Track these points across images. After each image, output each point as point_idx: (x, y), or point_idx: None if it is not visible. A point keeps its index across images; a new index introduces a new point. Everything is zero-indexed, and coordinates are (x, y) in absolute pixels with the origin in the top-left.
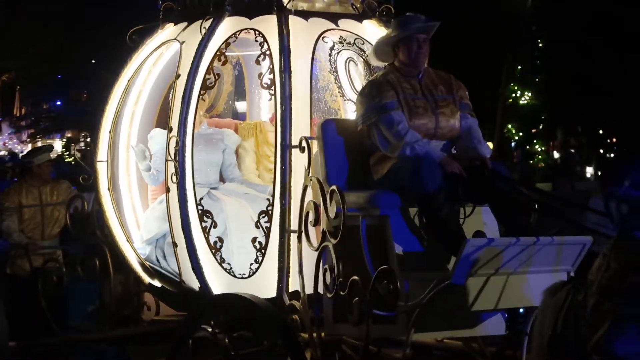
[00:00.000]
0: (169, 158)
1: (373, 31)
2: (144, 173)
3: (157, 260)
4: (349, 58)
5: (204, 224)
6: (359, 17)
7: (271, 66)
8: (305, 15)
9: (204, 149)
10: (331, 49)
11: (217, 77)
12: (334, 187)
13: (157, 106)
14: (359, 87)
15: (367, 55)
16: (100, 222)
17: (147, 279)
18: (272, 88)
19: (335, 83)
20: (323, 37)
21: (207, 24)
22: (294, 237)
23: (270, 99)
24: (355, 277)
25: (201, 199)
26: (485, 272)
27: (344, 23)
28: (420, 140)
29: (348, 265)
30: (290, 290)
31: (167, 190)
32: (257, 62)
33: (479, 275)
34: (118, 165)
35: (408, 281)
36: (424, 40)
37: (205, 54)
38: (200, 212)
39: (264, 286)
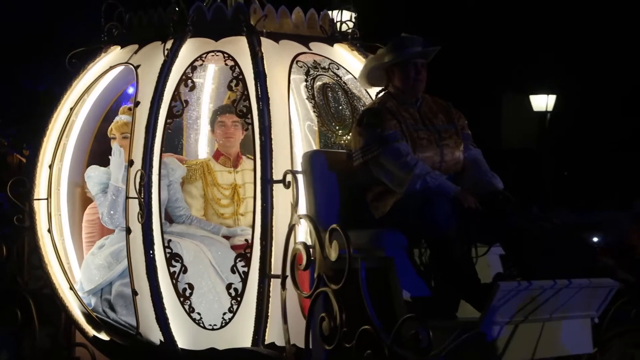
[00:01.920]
0: (132, 195)
1: (344, 55)
2: (105, 212)
3: (104, 312)
4: (325, 84)
5: (172, 269)
6: (330, 41)
7: (246, 92)
8: (276, 37)
9: None
10: (306, 73)
11: (184, 105)
12: (334, 226)
13: (90, 138)
14: (340, 116)
15: (344, 82)
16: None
17: (91, 331)
18: (249, 116)
19: (314, 111)
20: (297, 61)
21: (168, 45)
22: (274, 284)
23: (248, 129)
24: (367, 327)
25: (169, 241)
26: (516, 319)
27: (315, 46)
28: (432, 172)
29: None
30: (266, 342)
31: (128, 231)
32: (230, 88)
33: (509, 323)
34: (60, 204)
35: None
36: (422, 66)
37: (169, 78)
38: (168, 255)
39: (237, 338)
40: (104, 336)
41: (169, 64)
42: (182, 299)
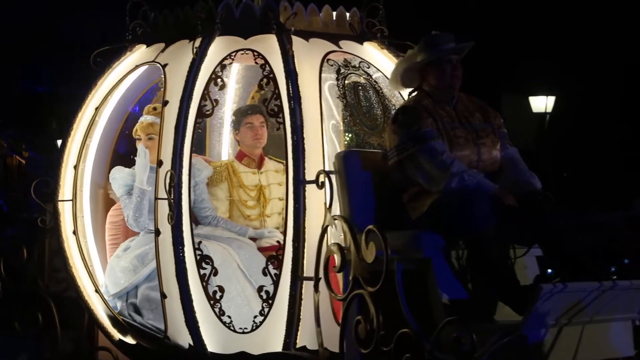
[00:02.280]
0: (161, 196)
1: (374, 54)
2: (131, 214)
3: (129, 315)
4: (356, 83)
5: (202, 271)
6: (359, 39)
7: (277, 91)
8: (305, 35)
9: None
10: (337, 72)
11: (214, 104)
12: (371, 227)
13: (113, 138)
14: (372, 115)
15: (375, 80)
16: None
17: (117, 335)
18: (280, 116)
19: (345, 110)
20: (327, 60)
21: (197, 43)
22: (306, 286)
23: (279, 129)
24: (406, 330)
25: (199, 242)
26: (558, 321)
27: (345, 45)
28: (469, 170)
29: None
30: (297, 346)
31: (157, 233)
32: (260, 87)
33: (552, 326)
34: (84, 205)
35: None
36: (457, 62)
37: (198, 77)
38: (198, 257)
39: (268, 341)
40: (130, 340)
41: (198, 63)
42: (212, 302)
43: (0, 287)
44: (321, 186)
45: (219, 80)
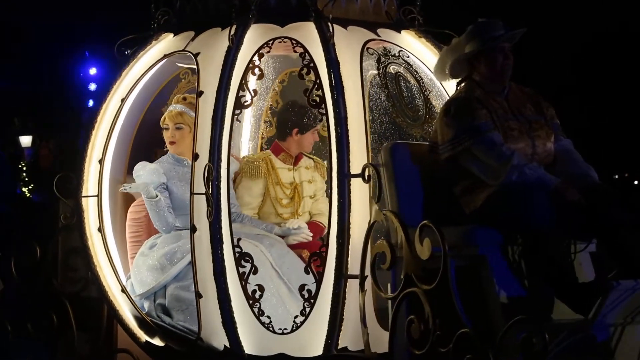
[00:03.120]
0: (197, 190)
1: (412, 43)
2: (157, 215)
3: (158, 316)
4: (397, 73)
5: (241, 270)
6: (397, 27)
7: (318, 81)
8: (344, 23)
9: None
10: (378, 61)
11: (253, 94)
12: (426, 222)
13: (133, 131)
14: (414, 106)
15: (415, 70)
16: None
17: (143, 336)
18: (322, 107)
19: (388, 101)
20: (367, 48)
21: (232, 31)
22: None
23: (322, 120)
24: (466, 330)
25: (238, 239)
26: (626, 320)
27: (383, 33)
28: (529, 163)
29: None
30: (338, 347)
31: (193, 229)
32: (301, 77)
33: (619, 324)
34: (110, 201)
35: None
36: (509, 50)
37: (235, 67)
38: (237, 255)
39: (308, 342)
40: (157, 342)
41: (234, 51)
42: (251, 302)
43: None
44: (367, 180)
45: (256, 69)
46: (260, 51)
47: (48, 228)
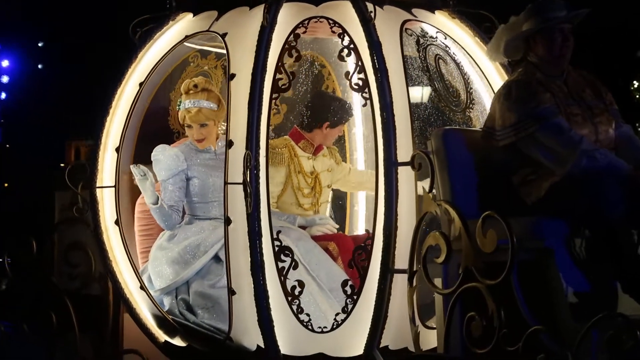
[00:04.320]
0: (232, 180)
1: (447, 24)
2: (152, 207)
3: (180, 314)
4: (437, 55)
5: (280, 265)
6: (430, 7)
7: (360, 63)
8: (379, 2)
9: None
10: (417, 43)
11: (291, 77)
12: (490, 212)
13: (140, 117)
14: (455, 90)
15: (453, 52)
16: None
17: (162, 336)
18: (366, 91)
19: (430, 85)
20: (405, 29)
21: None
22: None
23: (365, 104)
24: (539, 327)
25: (278, 232)
26: None
27: (418, 13)
28: (600, 148)
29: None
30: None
31: (227, 222)
32: (341, 59)
33: None
34: (130, 193)
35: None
36: (569, 31)
37: (270, 48)
38: (277, 249)
39: (348, 342)
40: (178, 342)
41: (268, 31)
42: (289, 299)
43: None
44: (418, 168)
45: (293, 51)
46: (296, 31)
47: (44, 222)
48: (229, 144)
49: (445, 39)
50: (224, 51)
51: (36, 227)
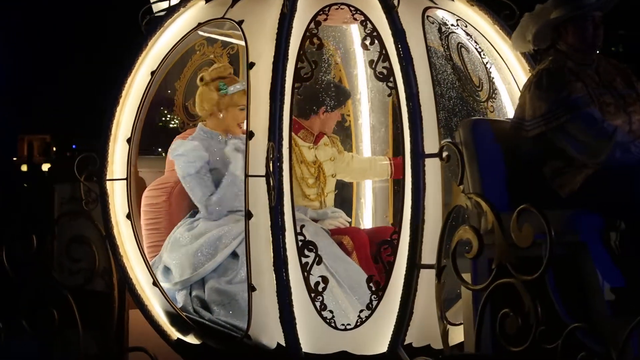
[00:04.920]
0: (253, 172)
1: (466, 11)
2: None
3: (195, 311)
4: (459, 43)
5: (304, 260)
6: None
7: (384, 52)
8: None
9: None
10: (439, 31)
11: (313, 66)
12: (526, 206)
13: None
14: (478, 80)
15: (475, 41)
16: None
17: (174, 334)
18: (391, 80)
19: (454, 74)
20: (427, 16)
21: None
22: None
23: (390, 95)
24: (578, 325)
25: (302, 226)
26: None
27: (438, 1)
28: (635, 140)
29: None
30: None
31: (248, 215)
32: (365, 47)
33: None
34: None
35: None
36: (599, 20)
37: (292, 35)
38: (300, 243)
39: (371, 339)
40: (192, 339)
41: (288, 18)
42: (313, 295)
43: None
44: (447, 159)
45: (314, 39)
46: (317, 19)
47: (44, 215)
48: (250, 134)
49: (466, 26)
50: (230, 39)
51: (35, 220)
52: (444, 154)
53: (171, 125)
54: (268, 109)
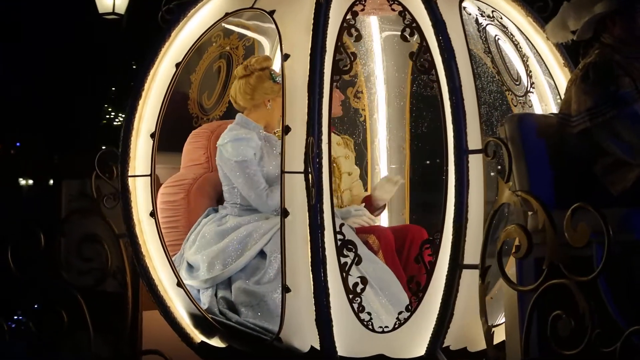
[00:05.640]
0: (289, 169)
1: (499, 2)
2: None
3: (221, 312)
4: (496, 35)
5: (343, 260)
6: None
7: (425, 44)
8: None
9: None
10: (477, 22)
11: (352, 58)
12: (581, 204)
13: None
14: (516, 74)
15: (511, 33)
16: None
17: (198, 337)
18: (432, 73)
19: (493, 68)
20: (464, 7)
21: None
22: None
23: (433, 88)
24: (637, 327)
25: (341, 225)
26: None
27: None
28: None
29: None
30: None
31: (285, 213)
32: (405, 39)
33: None
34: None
35: None
36: None
37: (329, 26)
38: (339, 243)
39: (409, 342)
40: (217, 342)
41: (325, 9)
42: (351, 296)
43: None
44: (493, 156)
45: (352, 30)
46: (354, 9)
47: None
48: (286, 129)
49: (501, 18)
50: (245, 31)
51: (42, 218)
52: (490, 150)
53: (115, 123)
54: (306, 103)
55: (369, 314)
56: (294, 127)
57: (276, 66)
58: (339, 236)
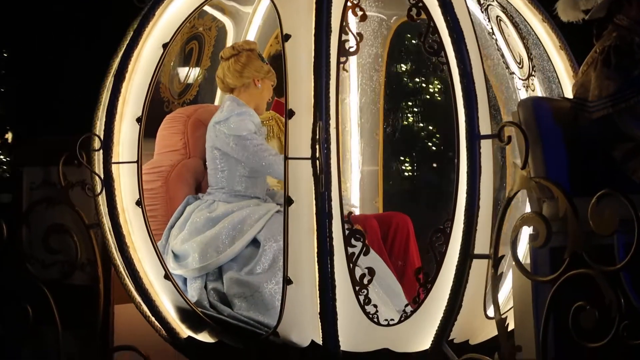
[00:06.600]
0: (296, 154)
1: None
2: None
3: (212, 305)
4: (498, 17)
5: (350, 250)
6: None
7: (432, 24)
8: None
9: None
10: (479, 3)
11: (358, 39)
12: (607, 190)
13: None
14: (520, 57)
15: (511, 15)
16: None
17: (185, 331)
18: (442, 54)
19: (498, 50)
20: None
21: None
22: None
23: (442, 70)
24: None
25: (350, 213)
26: None
27: None
28: None
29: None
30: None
31: (289, 202)
32: (411, 19)
33: None
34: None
35: None
36: None
37: (332, 5)
38: (347, 232)
39: (415, 335)
40: (205, 337)
41: None
42: (357, 288)
43: None
44: (507, 141)
45: (357, 9)
46: None
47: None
48: (289, 113)
49: None
50: (218, 13)
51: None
52: (505, 135)
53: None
54: (312, 86)
55: (375, 306)
56: (297, 111)
57: None
58: (347, 225)
